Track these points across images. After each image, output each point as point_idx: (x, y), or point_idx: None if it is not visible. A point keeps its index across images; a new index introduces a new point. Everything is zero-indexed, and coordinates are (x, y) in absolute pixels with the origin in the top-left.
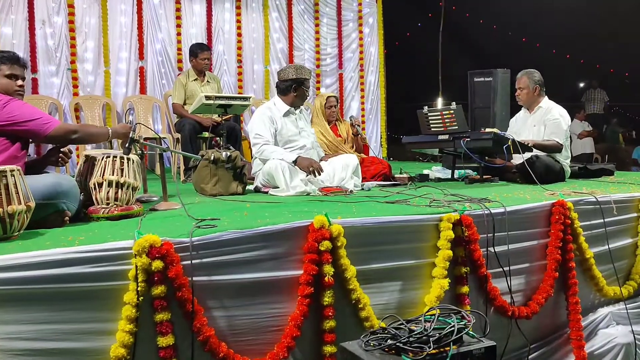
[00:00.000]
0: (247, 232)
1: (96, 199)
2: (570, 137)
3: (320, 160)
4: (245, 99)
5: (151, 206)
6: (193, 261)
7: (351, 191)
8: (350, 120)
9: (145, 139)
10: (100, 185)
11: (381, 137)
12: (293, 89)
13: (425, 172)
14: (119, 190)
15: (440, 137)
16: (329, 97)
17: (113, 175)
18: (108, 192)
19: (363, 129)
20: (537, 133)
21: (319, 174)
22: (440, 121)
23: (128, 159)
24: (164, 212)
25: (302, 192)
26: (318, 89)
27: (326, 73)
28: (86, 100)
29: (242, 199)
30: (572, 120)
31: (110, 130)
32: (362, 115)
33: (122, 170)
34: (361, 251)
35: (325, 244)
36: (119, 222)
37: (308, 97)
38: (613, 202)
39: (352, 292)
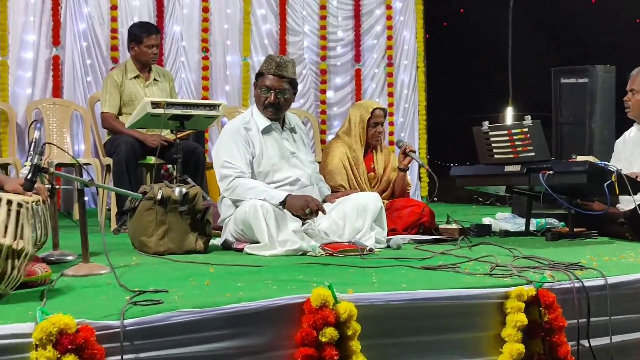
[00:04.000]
0: (208, 313)
1: None
2: None
3: (324, 201)
4: (213, 106)
5: (64, 270)
6: (125, 356)
7: (370, 250)
8: (399, 145)
9: (58, 166)
10: None
11: (419, 166)
12: (255, 89)
13: (486, 221)
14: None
15: (508, 168)
16: (376, 109)
17: None
18: None
19: (425, 166)
20: None
21: (316, 215)
22: (509, 144)
23: (20, 206)
24: (83, 279)
25: (295, 250)
26: (322, 92)
27: (336, 69)
28: None
29: (204, 260)
30: None
31: None
32: (392, 133)
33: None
34: (384, 344)
35: (329, 333)
36: (12, 294)
37: (279, 106)
38: None
39: None
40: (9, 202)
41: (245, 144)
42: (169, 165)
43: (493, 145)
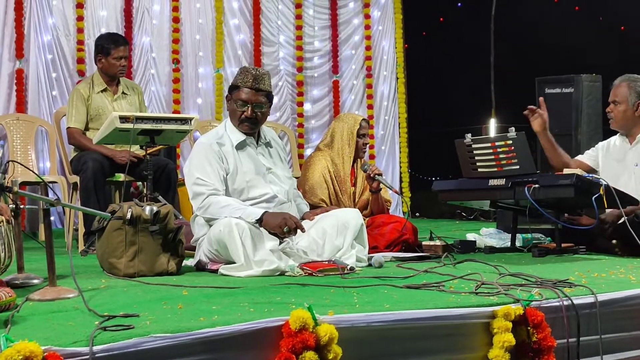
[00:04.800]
0: (181, 338)
1: None
2: None
3: (303, 218)
4: (184, 121)
5: (29, 294)
6: None
7: (351, 268)
8: (364, 169)
9: (23, 185)
10: None
11: (400, 181)
12: (227, 102)
13: (470, 237)
14: None
15: (493, 182)
16: (363, 120)
17: None
18: None
19: (393, 188)
20: None
21: (294, 233)
22: (492, 157)
23: None
24: (50, 303)
25: (273, 270)
26: (299, 104)
27: (313, 80)
28: None
29: (176, 282)
30: None
31: None
32: (371, 147)
33: None
34: None
35: (309, 357)
36: None
37: (256, 120)
38: None
39: None
40: None
41: (218, 160)
42: (139, 183)
43: (476, 158)
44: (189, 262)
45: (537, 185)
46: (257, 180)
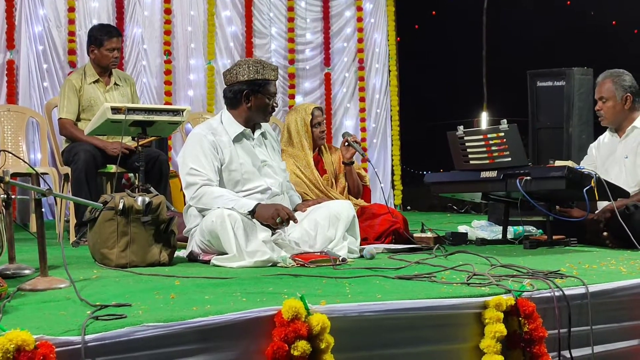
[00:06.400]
0: (174, 327)
1: None
2: None
3: (295, 210)
4: (176, 112)
5: (21, 284)
6: None
7: (343, 260)
8: (345, 138)
9: (14, 176)
10: None
11: (392, 174)
12: (245, 97)
13: (462, 229)
14: None
15: (484, 174)
16: (315, 108)
17: None
18: None
19: (365, 156)
20: (633, 167)
21: (287, 224)
22: (484, 149)
23: None
24: (42, 293)
25: (265, 261)
26: (291, 97)
27: (305, 73)
28: None
29: (169, 273)
30: None
31: None
32: (363, 139)
33: None
34: (358, 357)
35: (301, 346)
36: None
37: (275, 110)
38: None
39: None
40: None
41: (212, 151)
42: (131, 174)
43: (468, 150)
44: (181, 253)
45: (528, 178)
46: (253, 173)
